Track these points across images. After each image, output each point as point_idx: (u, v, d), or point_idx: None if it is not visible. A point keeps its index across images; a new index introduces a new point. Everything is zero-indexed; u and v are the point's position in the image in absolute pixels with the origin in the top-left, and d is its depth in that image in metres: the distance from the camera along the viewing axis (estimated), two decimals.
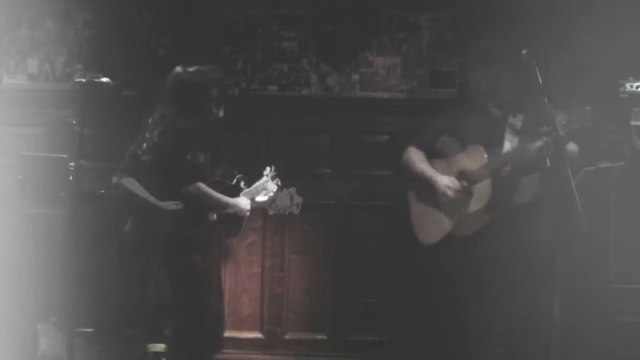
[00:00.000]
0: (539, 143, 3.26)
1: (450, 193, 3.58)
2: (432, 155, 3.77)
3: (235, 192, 3.61)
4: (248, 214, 3.62)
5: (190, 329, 3.46)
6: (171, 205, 3.42)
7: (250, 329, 4.55)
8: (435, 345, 4.38)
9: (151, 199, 3.42)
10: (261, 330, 4.57)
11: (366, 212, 4.58)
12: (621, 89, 3.93)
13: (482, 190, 3.49)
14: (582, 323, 3.40)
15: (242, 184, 3.63)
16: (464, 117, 3.71)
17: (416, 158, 3.79)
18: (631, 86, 3.91)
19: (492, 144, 3.55)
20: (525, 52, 3.17)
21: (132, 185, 3.43)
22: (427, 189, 3.70)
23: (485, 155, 3.49)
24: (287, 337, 4.57)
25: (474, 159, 3.54)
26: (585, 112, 3.29)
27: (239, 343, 4.52)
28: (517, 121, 3.55)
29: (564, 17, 4.34)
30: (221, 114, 3.57)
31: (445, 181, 3.61)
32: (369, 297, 4.53)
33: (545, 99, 3.06)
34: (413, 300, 4.48)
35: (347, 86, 4.64)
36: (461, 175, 3.63)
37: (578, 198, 2.90)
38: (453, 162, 3.66)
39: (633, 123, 3.84)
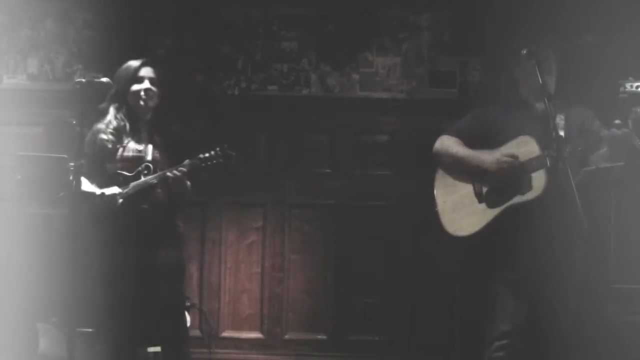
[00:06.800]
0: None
1: (505, 167, 3.23)
2: (470, 145, 3.41)
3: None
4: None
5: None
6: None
7: (250, 329, 4.55)
8: (434, 346, 4.39)
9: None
10: (261, 330, 4.57)
11: (366, 212, 4.58)
12: (621, 89, 3.92)
13: (536, 180, 3.19)
14: (582, 323, 3.39)
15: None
16: (505, 110, 3.43)
17: (455, 144, 3.41)
18: (631, 86, 3.90)
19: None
20: (525, 52, 3.16)
21: None
22: (464, 177, 3.36)
23: (538, 147, 3.20)
24: (287, 337, 4.57)
25: (525, 150, 3.23)
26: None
27: (239, 343, 4.52)
28: (559, 120, 3.23)
29: (564, 17, 4.34)
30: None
31: (497, 155, 3.28)
32: (368, 297, 4.53)
33: (545, 99, 3.06)
34: (413, 300, 4.49)
35: (347, 86, 4.64)
36: None
37: (578, 198, 2.89)
38: (499, 152, 3.32)
39: None
